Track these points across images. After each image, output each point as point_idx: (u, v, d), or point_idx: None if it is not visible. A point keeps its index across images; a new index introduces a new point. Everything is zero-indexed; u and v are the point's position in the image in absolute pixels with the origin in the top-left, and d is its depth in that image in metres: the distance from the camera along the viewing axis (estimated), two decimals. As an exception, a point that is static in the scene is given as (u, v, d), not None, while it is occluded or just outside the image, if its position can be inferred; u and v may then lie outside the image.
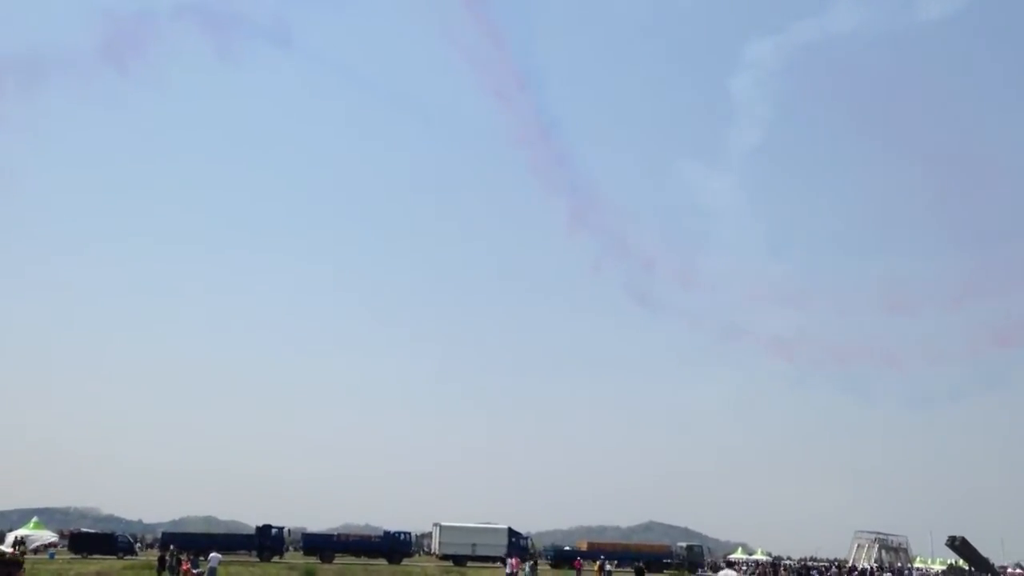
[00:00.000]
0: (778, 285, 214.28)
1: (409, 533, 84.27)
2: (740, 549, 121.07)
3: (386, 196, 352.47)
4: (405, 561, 79.24)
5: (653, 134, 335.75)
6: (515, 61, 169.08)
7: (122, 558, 72.89)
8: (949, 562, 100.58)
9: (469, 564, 76.36)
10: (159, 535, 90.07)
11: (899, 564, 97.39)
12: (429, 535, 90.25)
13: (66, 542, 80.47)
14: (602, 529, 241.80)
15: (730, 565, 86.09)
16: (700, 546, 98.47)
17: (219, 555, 43.91)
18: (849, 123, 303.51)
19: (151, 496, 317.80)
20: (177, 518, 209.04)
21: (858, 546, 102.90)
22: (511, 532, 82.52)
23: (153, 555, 71.26)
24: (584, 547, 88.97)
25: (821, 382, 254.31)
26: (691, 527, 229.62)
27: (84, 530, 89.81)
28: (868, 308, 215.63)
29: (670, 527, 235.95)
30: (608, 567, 65.09)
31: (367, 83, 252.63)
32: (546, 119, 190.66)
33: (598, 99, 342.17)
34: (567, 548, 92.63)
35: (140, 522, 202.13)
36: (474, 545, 78.43)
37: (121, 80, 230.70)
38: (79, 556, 72.65)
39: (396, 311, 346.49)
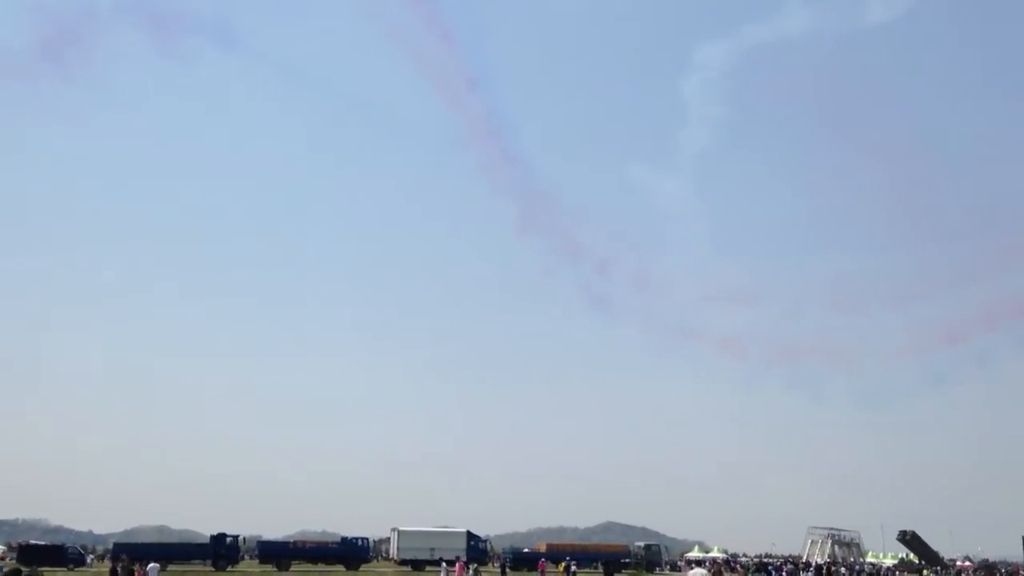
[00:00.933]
0: (730, 285, 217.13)
1: (367, 539, 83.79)
2: (697, 547, 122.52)
3: (331, 197, 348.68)
4: (363, 567, 78.72)
5: (604, 136, 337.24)
6: (464, 61, 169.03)
7: (72, 570, 71.58)
8: (900, 556, 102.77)
9: (428, 568, 76.09)
10: (110, 546, 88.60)
11: (852, 559, 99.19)
12: (387, 540, 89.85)
13: (14, 555, 78.67)
14: (561, 530, 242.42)
15: (699, 564, 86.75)
16: (658, 545, 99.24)
17: (157, 565, 43.06)
18: (799, 124, 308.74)
19: (101, 506, 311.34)
20: (129, 528, 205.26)
21: (812, 542, 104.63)
22: (470, 535, 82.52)
23: (104, 567, 69.85)
24: (543, 549, 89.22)
25: (773, 380, 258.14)
26: (649, 526, 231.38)
27: (33, 542, 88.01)
28: (818, 307, 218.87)
29: (628, 527, 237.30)
30: (574, 568, 65.29)
31: (312, 82, 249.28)
32: (496, 120, 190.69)
33: (548, 101, 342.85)
34: (526, 550, 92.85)
35: (91, 533, 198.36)
36: (432, 549, 78.15)
37: (60, 81, 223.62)
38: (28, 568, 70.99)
39: (346, 314, 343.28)
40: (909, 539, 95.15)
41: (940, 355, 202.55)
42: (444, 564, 60.28)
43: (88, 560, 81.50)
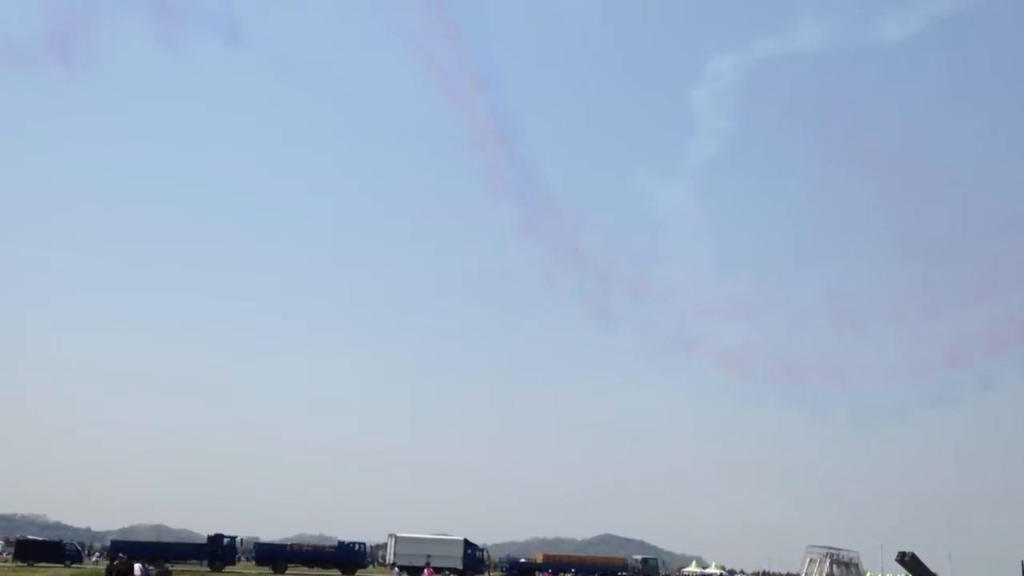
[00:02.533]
0: (729, 298, 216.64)
1: (364, 544, 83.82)
2: (694, 562, 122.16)
3: (332, 198, 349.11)
4: (359, 572, 78.82)
5: (609, 143, 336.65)
6: (471, 62, 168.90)
7: (69, 566, 71.71)
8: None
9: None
10: (108, 543, 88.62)
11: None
12: (384, 546, 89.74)
13: (12, 550, 78.80)
14: (558, 541, 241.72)
15: None
16: (655, 559, 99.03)
17: (141, 565, 43.03)
18: (806, 138, 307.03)
19: (99, 503, 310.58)
20: (126, 526, 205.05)
21: (810, 560, 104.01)
22: (467, 544, 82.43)
23: (102, 564, 70.08)
24: (540, 559, 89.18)
25: (773, 396, 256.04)
26: (646, 540, 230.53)
27: (30, 537, 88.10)
28: (817, 323, 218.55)
29: (625, 540, 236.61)
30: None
31: (314, 78, 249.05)
32: (501, 123, 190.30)
33: (554, 104, 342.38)
34: (523, 560, 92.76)
35: (88, 530, 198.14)
36: (429, 556, 78.01)
37: (64, 72, 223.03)
38: (25, 564, 71.27)
39: (345, 315, 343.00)
40: (908, 560, 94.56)
41: (941, 374, 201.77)
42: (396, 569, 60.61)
43: (85, 557, 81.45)
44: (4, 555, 74.24)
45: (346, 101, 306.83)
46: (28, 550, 74.73)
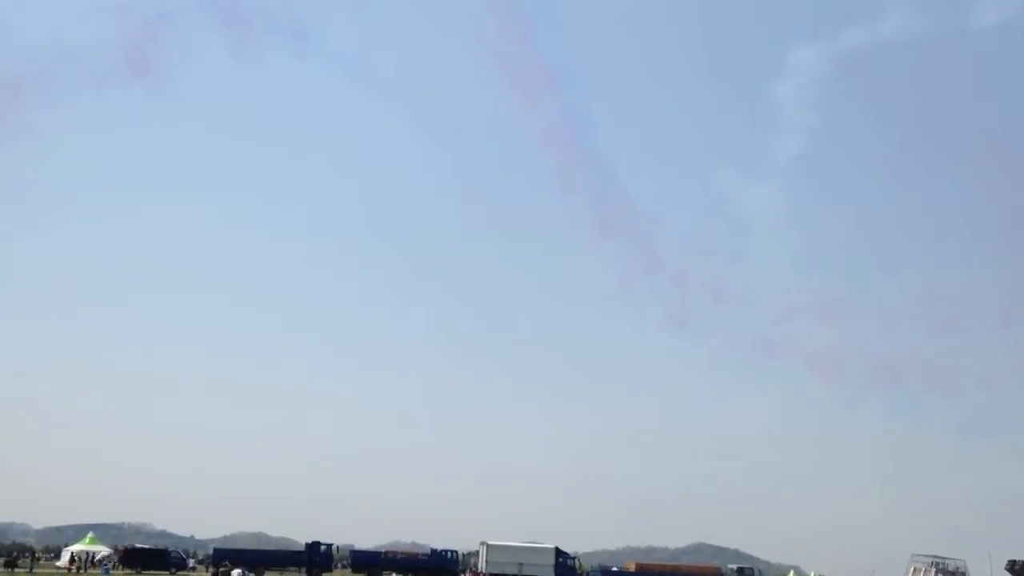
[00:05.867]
0: (818, 299, 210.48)
1: (456, 552, 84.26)
2: (792, 572, 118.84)
3: (403, 199, 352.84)
4: (451, 580, 79.18)
5: (689, 140, 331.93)
6: (544, 59, 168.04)
7: (174, 573, 74.02)
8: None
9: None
10: (210, 551, 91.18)
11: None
12: (476, 554, 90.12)
13: (118, 557, 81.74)
14: (650, 550, 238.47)
15: None
16: (752, 568, 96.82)
17: (240, 571, 44.16)
18: (896, 131, 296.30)
19: (202, 512, 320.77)
20: (228, 534, 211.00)
21: (914, 569, 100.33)
22: (558, 552, 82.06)
23: (200, 571, 72.17)
24: (632, 568, 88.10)
25: (870, 401, 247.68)
26: (742, 548, 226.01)
27: (137, 545, 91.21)
28: (914, 323, 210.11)
29: (720, 548, 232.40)
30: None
31: (386, 82, 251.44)
32: (574, 121, 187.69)
33: (631, 102, 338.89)
34: (615, 569, 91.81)
35: (192, 538, 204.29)
36: (521, 564, 78.11)
37: (138, 86, 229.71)
38: (133, 571, 73.78)
39: (428, 325, 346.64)
40: (1018, 569, 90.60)
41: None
42: None
43: (190, 564, 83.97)
44: (113, 562, 77.02)
45: (417, 104, 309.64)
46: (135, 558, 77.43)
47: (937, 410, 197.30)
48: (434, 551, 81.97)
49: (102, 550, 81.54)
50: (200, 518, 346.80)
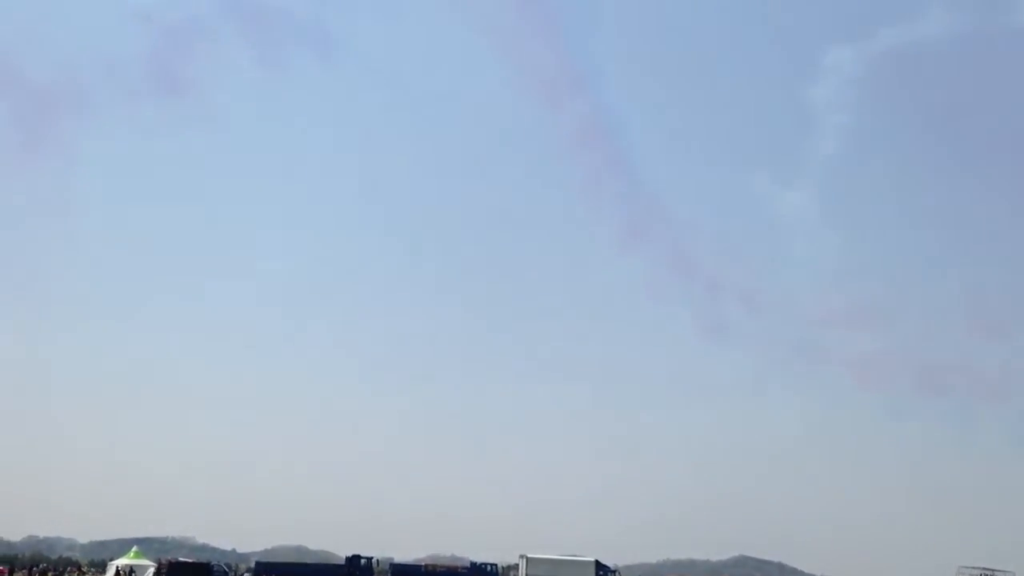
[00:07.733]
0: (858, 305, 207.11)
1: (495, 564, 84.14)
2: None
3: (427, 203, 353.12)
4: (491, 593, 79.04)
5: (723, 144, 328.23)
6: (575, 63, 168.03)
7: (218, 587, 74.72)
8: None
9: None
10: (252, 564, 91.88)
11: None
12: (516, 567, 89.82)
13: (164, 570, 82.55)
14: (691, 563, 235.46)
15: None
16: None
17: None
18: (934, 132, 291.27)
19: (243, 525, 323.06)
20: (268, 547, 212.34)
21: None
22: (598, 565, 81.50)
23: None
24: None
25: (916, 409, 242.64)
26: (785, 561, 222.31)
27: (181, 559, 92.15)
28: (957, 328, 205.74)
29: (763, 561, 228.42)
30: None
31: (410, 86, 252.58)
32: (603, 124, 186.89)
33: (662, 105, 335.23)
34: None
35: (234, 551, 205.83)
36: (556, 578, 77.64)
37: (168, 98, 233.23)
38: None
39: (469, 337, 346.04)
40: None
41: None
42: None
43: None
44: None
45: (445, 109, 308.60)
46: (178, 571, 78.21)
47: (985, 418, 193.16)
48: (473, 564, 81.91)
49: (146, 564, 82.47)
50: (240, 531, 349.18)
